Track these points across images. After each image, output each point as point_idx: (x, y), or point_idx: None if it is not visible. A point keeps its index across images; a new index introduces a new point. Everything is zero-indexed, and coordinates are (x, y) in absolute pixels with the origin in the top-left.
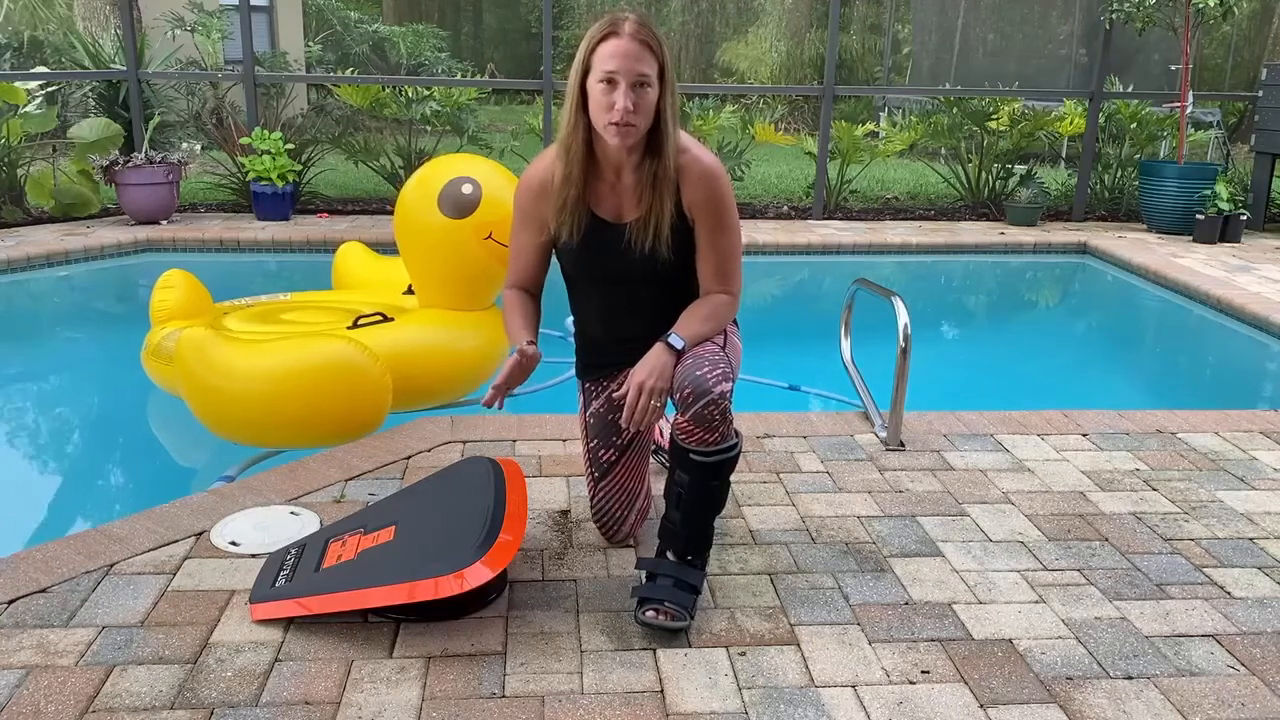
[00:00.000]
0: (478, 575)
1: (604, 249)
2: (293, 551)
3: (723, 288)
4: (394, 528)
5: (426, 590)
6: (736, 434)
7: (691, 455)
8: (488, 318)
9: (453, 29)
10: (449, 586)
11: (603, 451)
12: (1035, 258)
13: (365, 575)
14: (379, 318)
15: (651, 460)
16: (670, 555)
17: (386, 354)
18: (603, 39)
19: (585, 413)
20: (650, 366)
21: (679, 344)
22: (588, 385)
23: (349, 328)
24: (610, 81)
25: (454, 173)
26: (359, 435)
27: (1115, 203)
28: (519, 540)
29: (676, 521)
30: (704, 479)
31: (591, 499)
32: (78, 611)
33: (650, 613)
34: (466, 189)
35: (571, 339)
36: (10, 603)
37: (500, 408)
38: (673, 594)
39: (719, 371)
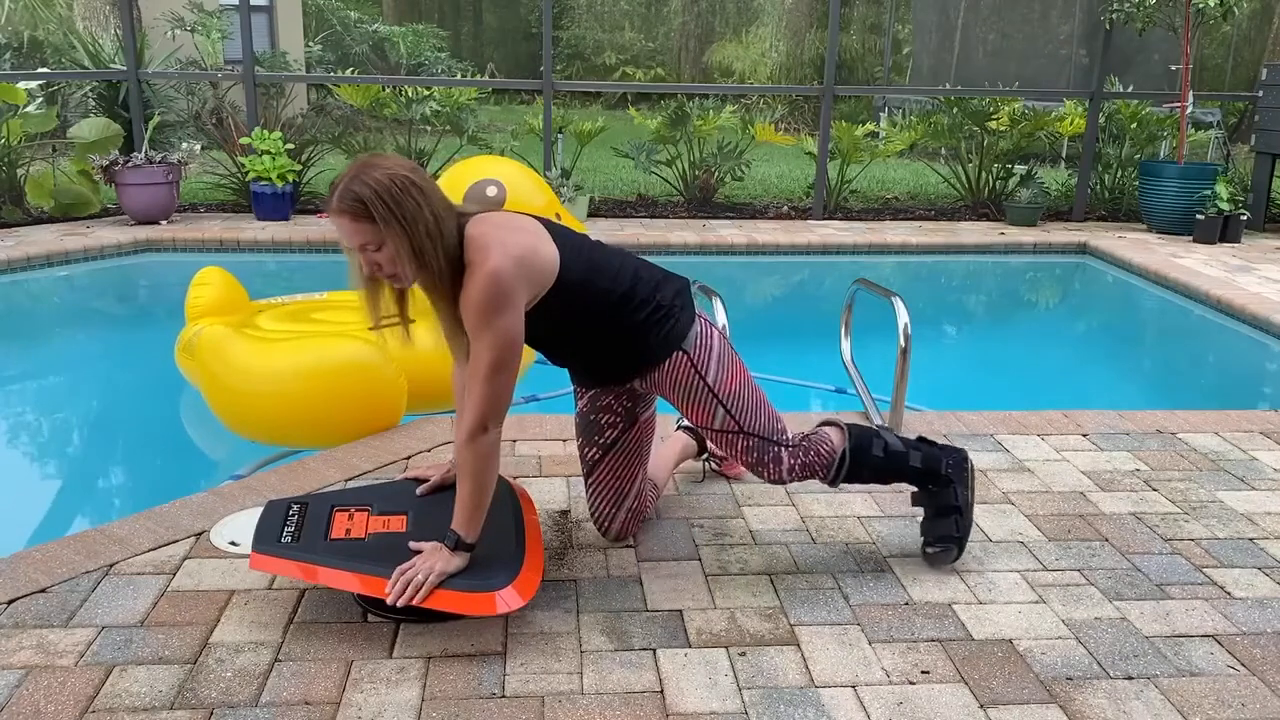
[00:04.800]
0: (508, 603)
1: None
2: (294, 508)
3: (467, 412)
4: (405, 518)
5: (449, 600)
6: (827, 450)
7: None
8: None
9: (453, 29)
10: (479, 605)
11: (587, 450)
12: (1035, 258)
13: (379, 563)
14: (399, 318)
15: (709, 466)
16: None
17: (406, 355)
18: None
19: (575, 412)
20: (432, 556)
21: (452, 542)
22: (576, 387)
23: (370, 328)
24: None
25: (479, 175)
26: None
27: (1115, 203)
28: (541, 574)
29: None
30: (853, 481)
31: (586, 496)
32: (78, 611)
33: (927, 550)
34: (491, 190)
35: None
36: (10, 603)
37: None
38: (933, 526)
39: (741, 447)
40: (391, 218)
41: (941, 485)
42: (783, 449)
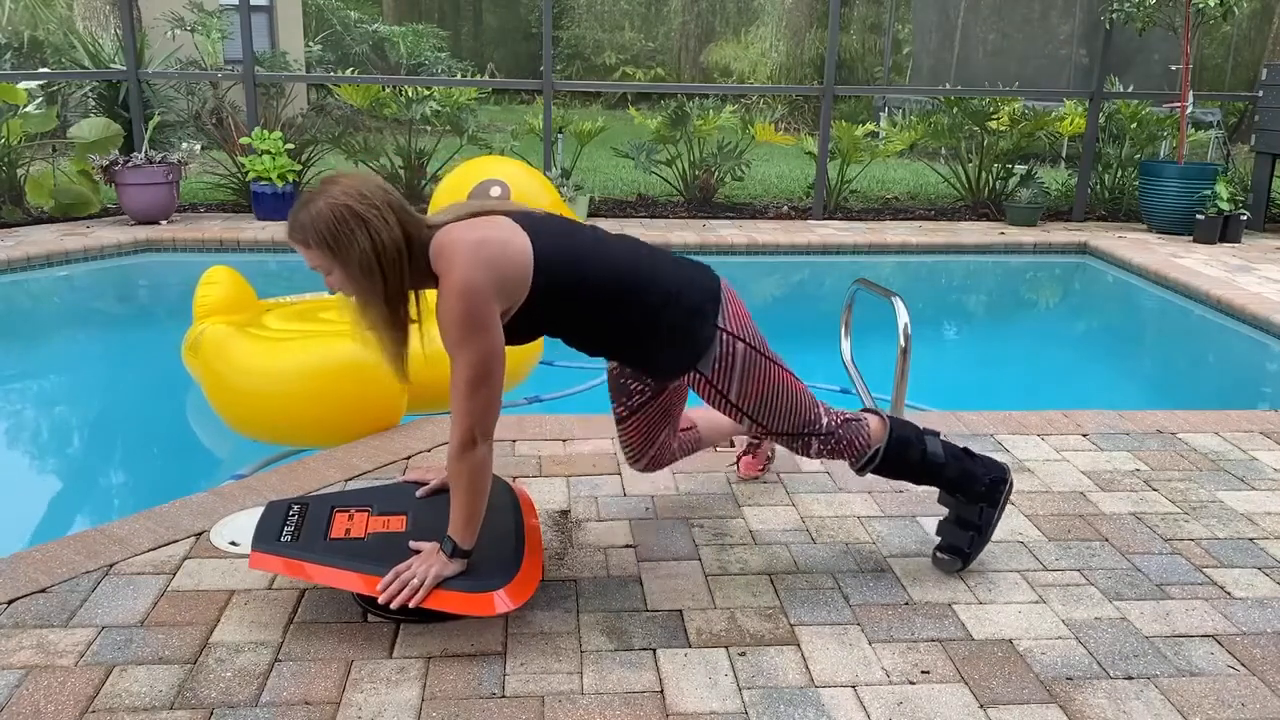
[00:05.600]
0: (506, 603)
1: None
2: (295, 509)
3: (455, 428)
4: (405, 518)
5: (447, 601)
6: (861, 443)
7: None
8: None
9: (453, 29)
10: (477, 605)
11: (616, 406)
12: (1035, 258)
13: (376, 562)
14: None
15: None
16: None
17: (409, 354)
18: None
19: (606, 369)
20: (429, 559)
21: (449, 548)
22: None
23: None
24: None
25: (484, 175)
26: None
27: (1115, 203)
28: (540, 574)
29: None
30: (880, 475)
31: (616, 434)
32: (78, 611)
33: (936, 554)
34: (495, 191)
35: None
36: (10, 603)
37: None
38: (949, 532)
39: (771, 439)
40: (326, 249)
41: (970, 499)
42: (813, 438)
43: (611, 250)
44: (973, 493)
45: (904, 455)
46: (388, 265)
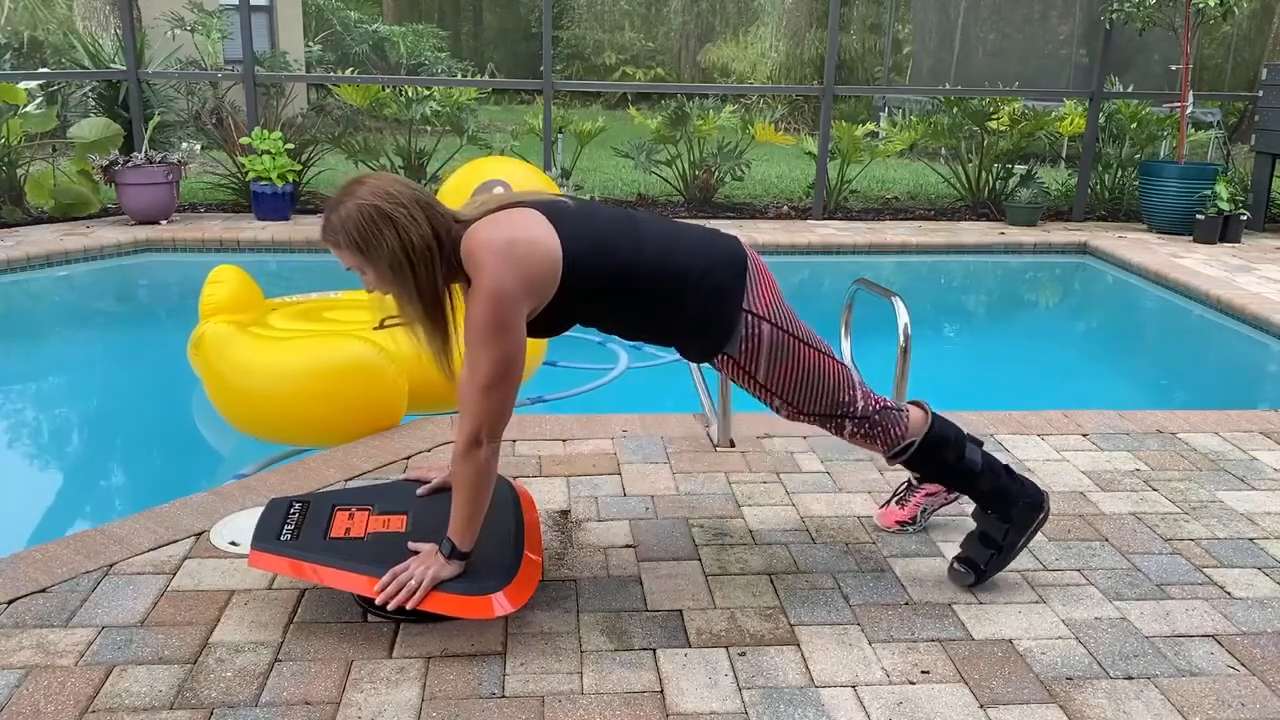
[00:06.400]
0: (504, 606)
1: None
2: (296, 506)
3: (463, 426)
4: (405, 517)
5: (445, 603)
6: (897, 433)
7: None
8: None
9: (453, 29)
10: (475, 608)
11: None
12: (1035, 258)
13: (375, 562)
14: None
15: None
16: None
17: (409, 355)
18: None
19: None
20: (427, 560)
21: (447, 549)
22: None
23: (375, 328)
24: None
25: (486, 175)
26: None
27: (1115, 203)
28: (539, 575)
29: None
30: (911, 469)
31: None
32: (77, 611)
33: (953, 564)
34: (498, 191)
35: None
36: (10, 603)
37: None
38: (971, 546)
39: (803, 421)
40: (356, 249)
41: (1000, 518)
42: (846, 419)
43: (636, 235)
44: (1005, 512)
45: (939, 454)
46: (418, 263)
